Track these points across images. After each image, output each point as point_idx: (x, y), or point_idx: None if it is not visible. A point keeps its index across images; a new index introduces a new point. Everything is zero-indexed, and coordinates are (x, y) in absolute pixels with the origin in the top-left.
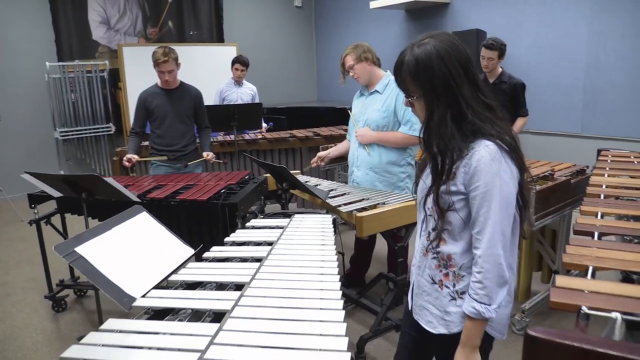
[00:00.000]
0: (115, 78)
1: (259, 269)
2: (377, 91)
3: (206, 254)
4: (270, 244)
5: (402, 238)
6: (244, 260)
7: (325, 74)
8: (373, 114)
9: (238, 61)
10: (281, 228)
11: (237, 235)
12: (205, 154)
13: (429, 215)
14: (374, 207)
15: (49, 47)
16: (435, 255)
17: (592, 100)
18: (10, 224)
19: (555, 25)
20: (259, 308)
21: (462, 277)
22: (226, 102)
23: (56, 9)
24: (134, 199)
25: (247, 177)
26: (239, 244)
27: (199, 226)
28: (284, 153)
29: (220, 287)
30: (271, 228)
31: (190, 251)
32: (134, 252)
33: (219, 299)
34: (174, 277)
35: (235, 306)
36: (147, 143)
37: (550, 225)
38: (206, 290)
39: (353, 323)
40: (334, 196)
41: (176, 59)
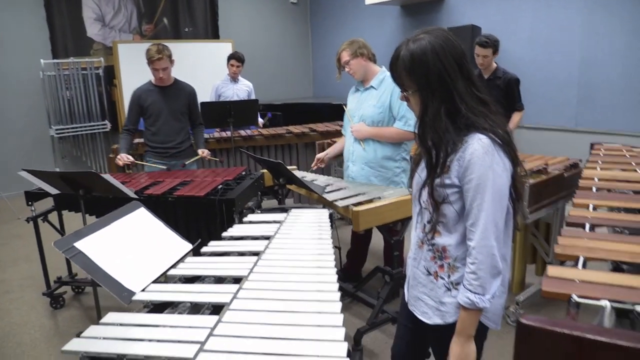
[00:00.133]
0: (110, 75)
1: (257, 262)
2: (372, 87)
3: (204, 249)
4: (267, 238)
5: (398, 232)
6: (241, 254)
7: (321, 70)
8: (368, 110)
9: (233, 57)
10: (278, 222)
11: (235, 230)
12: (200, 151)
13: (424, 208)
14: (370, 201)
15: (43, 45)
16: (431, 247)
17: (586, 95)
18: (7, 222)
19: (550, 21)
20: (257, 301)
21: (457, 268)
22: (222, 99)
23: (50, 6)
24: (132, 195)
25: (243, 173)
26: (236, 238)
27: (197, 222)
28: (280, 149)
29: (219, 280)
30: (268, 223)
31: (188, 246)
32: (132, 247)
33: (217, 292)
34: (172, 272)
35: (234, 299)
36: (141, 140)
37: (544, 218)
38: (205, 284)
39: (350, 316)
40: (330, 191)
41: (170, 56)
